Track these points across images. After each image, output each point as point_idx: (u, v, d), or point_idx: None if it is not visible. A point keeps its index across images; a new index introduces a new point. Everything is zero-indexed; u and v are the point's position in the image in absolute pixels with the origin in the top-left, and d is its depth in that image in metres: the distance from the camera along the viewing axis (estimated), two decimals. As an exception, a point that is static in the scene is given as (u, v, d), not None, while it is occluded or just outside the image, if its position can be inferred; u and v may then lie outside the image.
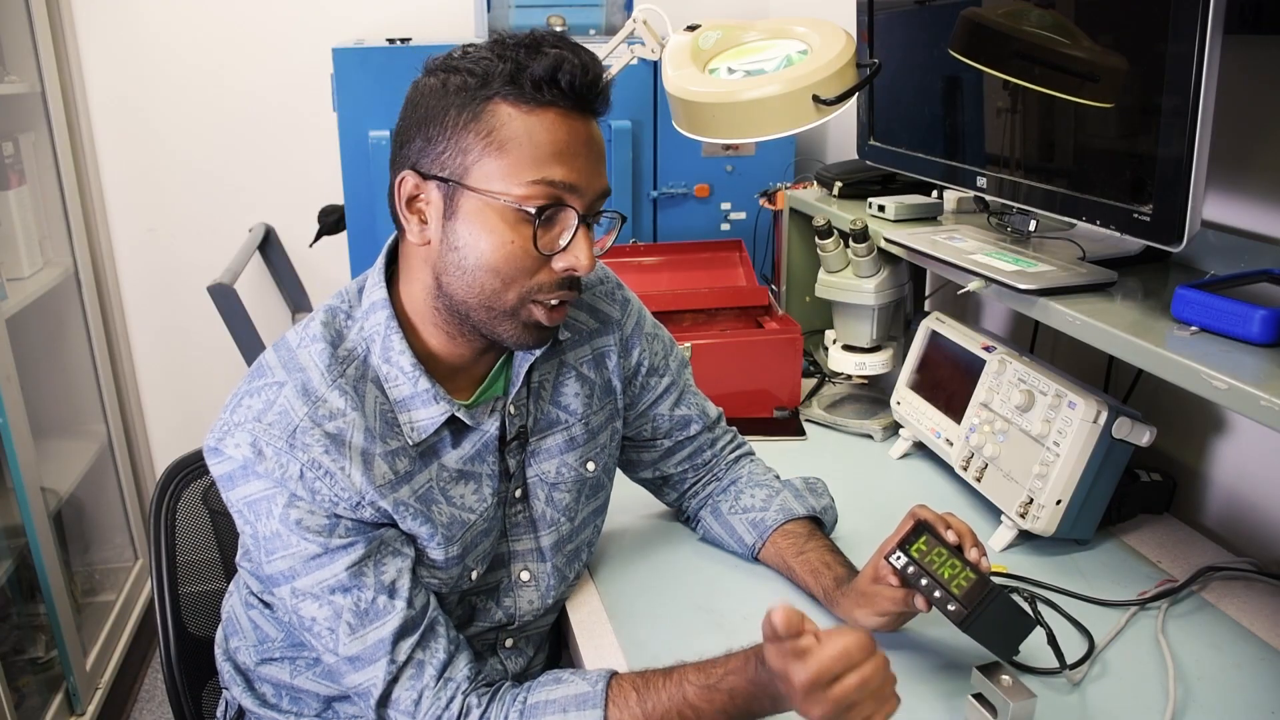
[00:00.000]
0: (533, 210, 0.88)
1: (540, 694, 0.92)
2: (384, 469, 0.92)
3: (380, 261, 0.98)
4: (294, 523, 0.89)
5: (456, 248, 0.90)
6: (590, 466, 1.10)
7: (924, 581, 0.94)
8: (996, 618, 0.90)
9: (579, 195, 0.90)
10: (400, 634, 0.91)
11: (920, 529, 0.98)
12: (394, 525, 0.94)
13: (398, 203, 0.93)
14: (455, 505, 0.98)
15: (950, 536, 0.96)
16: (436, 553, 0.96)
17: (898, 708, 0.83)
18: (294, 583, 0.90)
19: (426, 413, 0.95)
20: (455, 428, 0.98)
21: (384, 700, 0.91)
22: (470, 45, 0.92)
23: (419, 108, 0.90)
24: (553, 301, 0.93)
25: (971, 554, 0.94)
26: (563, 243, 0.91)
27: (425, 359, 0.96)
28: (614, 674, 0.92)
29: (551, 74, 0.86)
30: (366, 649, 0.90)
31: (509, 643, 1.10)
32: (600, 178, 0.92)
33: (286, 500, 0.89)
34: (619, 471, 1.22)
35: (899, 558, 0.97)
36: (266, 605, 1.06)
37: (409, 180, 0.91)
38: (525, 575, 1.07)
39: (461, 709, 0.91)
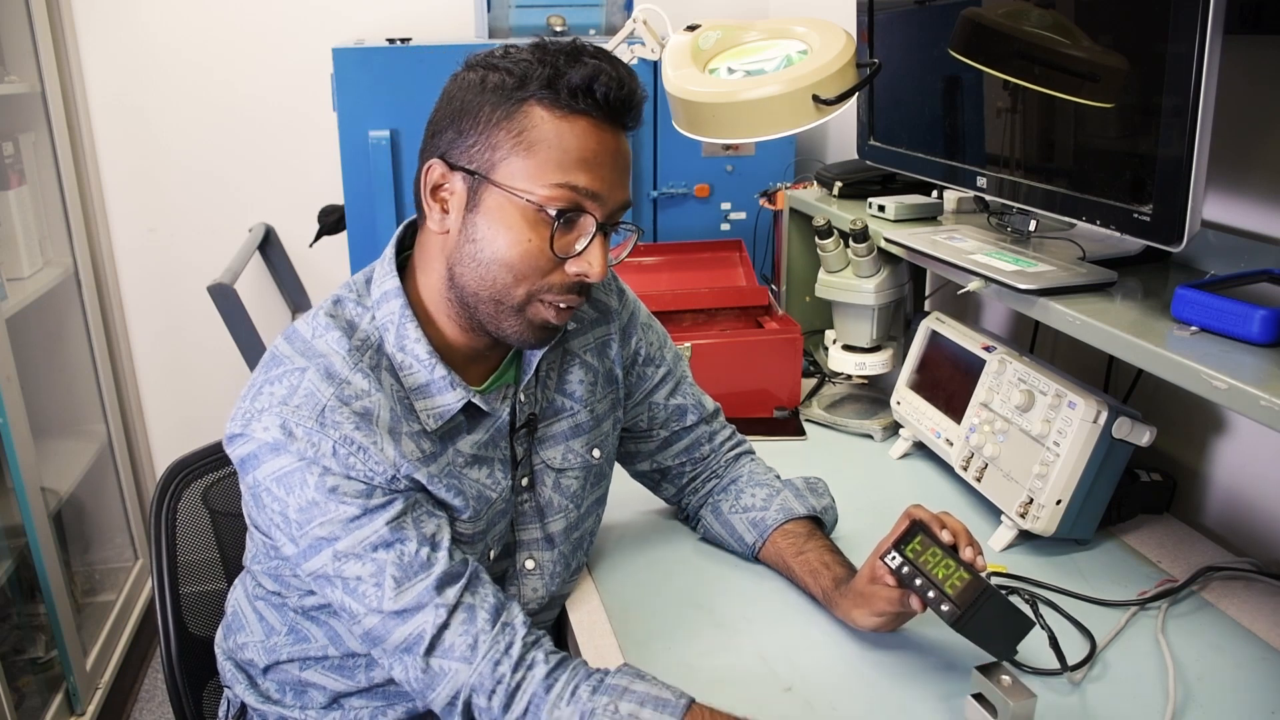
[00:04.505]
0: (553, 212, 0.90)
1: (620, 679, 0.89)
2: (411, 446, 0.93)
3: (389, 251, 1.00)
4: (329, 490, 0.89)
5: (474, 240, 0.92)
6: (596, 453, 1.11)
7: (918, 581, 0.94)
8: (991, 617, 0.90)
9: (600, 203, 0.92)
10: (445, 581, 0.90)
11: (915, 529, 0.98)
12: (427, 492, 0.95)
13: (422, 189, 0.95)
14: (476, 485, 0.99)
15: (945, 536, 0.96)
16: (465, 526, 0.97)
17: None
18: (335, 545, 0.90)
19: (444, 399, 0.96)
20: (469, 414, 1.00)
21: (433, 647, 0.89)
22: (512, 46, 0.94)
23: (454, 100, 0.93)
24: (561, 304, 0.95)
25: (966, 553, 0.94)
26: (579, 247, 0.92)
27: (440, 348, 0.97)
28: (693, 700, 0.89)
29: (588, 83, 0.88)
30: (414, 599, 0.89)
31: None
32: (622, 190, 0.94)
33: (320, 472, 0.89)
34: (618, 467, 1.23)
35: (894, 558, 0.97)
36: (279, 596, 1.05)
37: (436, 169, 0.93)
38: (530, 564, 1.08)
39: (524, 658, 0.89)
